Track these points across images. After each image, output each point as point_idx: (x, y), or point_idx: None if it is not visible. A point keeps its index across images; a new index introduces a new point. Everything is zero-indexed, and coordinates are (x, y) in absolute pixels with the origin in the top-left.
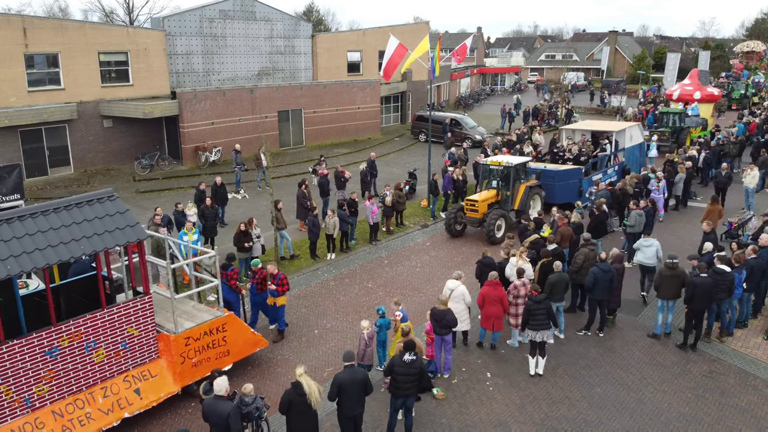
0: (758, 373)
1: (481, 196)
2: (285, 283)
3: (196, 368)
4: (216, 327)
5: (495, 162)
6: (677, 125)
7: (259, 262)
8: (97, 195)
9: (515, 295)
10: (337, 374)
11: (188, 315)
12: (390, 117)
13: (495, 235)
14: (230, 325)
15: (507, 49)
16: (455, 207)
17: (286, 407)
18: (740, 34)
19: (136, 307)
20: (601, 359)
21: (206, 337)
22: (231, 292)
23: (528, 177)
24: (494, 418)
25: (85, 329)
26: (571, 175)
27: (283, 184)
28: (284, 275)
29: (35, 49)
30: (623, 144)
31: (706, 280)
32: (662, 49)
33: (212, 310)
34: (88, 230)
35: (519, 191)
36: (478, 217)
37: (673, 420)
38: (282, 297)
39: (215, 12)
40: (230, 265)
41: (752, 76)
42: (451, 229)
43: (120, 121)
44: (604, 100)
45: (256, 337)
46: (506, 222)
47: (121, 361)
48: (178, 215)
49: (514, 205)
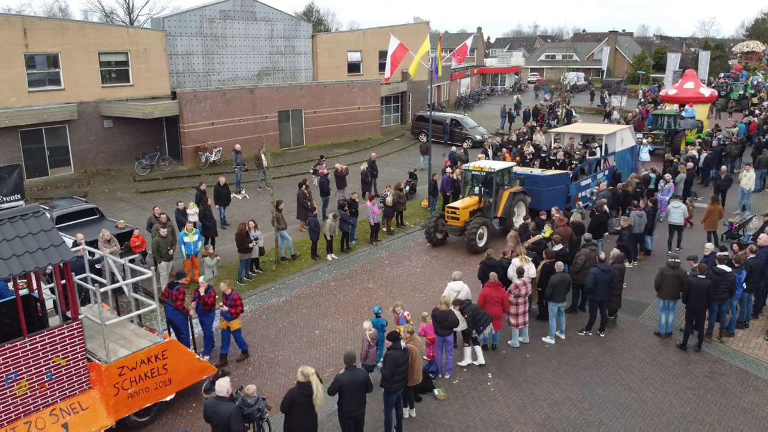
0: (759, 374)
1: (463, 203)
2: (239, 304)
3: (133, 400)
4: (155, 354)
5: (477, 168)
6: (672, 128)
7: (209, 278)
8: (20, 211)
9: (516, 294)
10: (338, 375)
11: (125, 341)
12: (390, 117)
13: (477, 244)
14: (171, 351)
15: (507, 50)
16: (435, 214)
17: (289, 406)
18: (740, 34)
19: (62, 335)
20: (602, 360)
21: (143, 366)
22: (177, 314)
23: (512, 183)
24: (495, 419)
25: (3, 359)
26: (558, 181)
27: (283, 185)
28: (238, 296)
29: (35, 49)
30: (614, 147)
31: (702, 281)
32: (662, 50)
33: (152, 335)
34: (5, 251)
35: (502, 198)
36: (459, 225)
37: (675, 420)
38: (236, 320)
39: (215, 12)
40: (177, 284)
41: (751, 76)
42: (432, 238)
43: (120, 122)
44: (604, 101)
45: (203, 363)
46: (488, 230)
47: (47, 394)
48: (179, 214)
49: (497, 213)
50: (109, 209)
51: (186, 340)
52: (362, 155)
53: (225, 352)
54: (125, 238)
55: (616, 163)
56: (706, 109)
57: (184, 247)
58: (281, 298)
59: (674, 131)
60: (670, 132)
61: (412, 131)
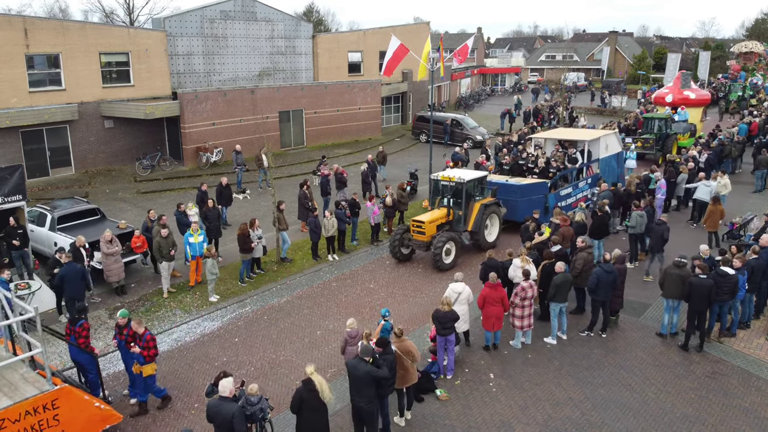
0: (761, 374)
1: (431, 216)
2: (152, 346)
3: None
4: (43, 404)
5: (446, 177)
6: (663, 131)
7: (127, 313)
8: None
9: (522, 297)
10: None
11: (11, 388)
12: (390, 117)
13: (443, 261)
14: (64, 400)
15: (507, 50)
16: (401, 228)
17: (298, 404)
18: (740, 34)
19: None
20: (604, 360)
21: (29, 418)
22: (81, 353)
23: (485, 194)
24: (497, 419)
25: None
26: (534, 190)
27: (283, 185)
28: (152, 336)
29: (36, 49)
30: (597, 154)
31: (704, 281)
32: (662, 50)
33: (42, 380)
34: None
35: (473, 210)
36: (425, 240)
37: (677, 421)
38: (149, 365)
39: (216, 12)
40: (80, 319)
41: (750, 77)
42: (396, 254)
43: (121, 122)
44: (604, 101)
45: (104, 412)
46: (456, 245)
47: None
48: (180, 216)
49: (467, 226)
50: (110, 210)
51: (95, 382)
52: (363, 155)
53: (143, 399)
54: (126, 238)
55: (600, 171)
56: (700, 112)
57: (189, 247)
58: (283, 299)
59: (665, 135)
60: (661, 136)
61: (412, 131)
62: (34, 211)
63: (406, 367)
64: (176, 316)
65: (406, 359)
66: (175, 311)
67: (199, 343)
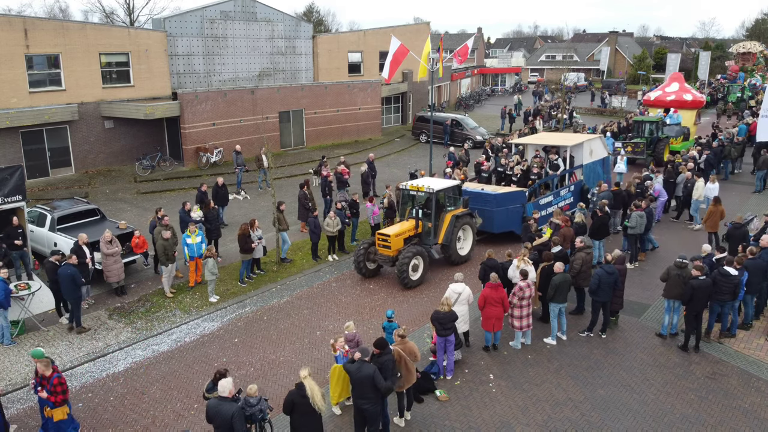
0: (761, 375)
1: (399, 229)
2: (59, 391)
3: None
4: None
5: (414, 187)
6: (654, 135)
7: (42, 353)
8: None
9: (520, 297)
10: (345, 363)
11: None
12: (390, 118)
13: (409, 277)
14: None
15: (507, 50)
16: (365, 242)
17: (290, 408)
18: (740, 34)
19: None
20: (603, 361)
21: None
22: None
23: (457, 204)
24: (497, 420)
25: None
26: (511, 199)
27: (283, 185)
28: (59, 380)
29: (36, 50)
30: (581, 160)
31: (704, 282)
32: (662, 50)
33: None
34: None
35: (444, 222)
36: (391, 255)
37: (677, 422)
38: (59, 408)
39: (216, 13)
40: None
41: (748, 78)
42: (361, 269)
43: (121, 122)
44: (604, 101)
45: None
46: (425, 260)
47: None
48: (184, 214)
49: (437, 239)
50: (110, 210)
51: None
52: (363, 156)
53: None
54: (126, 239)
55: (584, 177)
56: (693, 115)
57: (187, 248)
58: (282, 299)
59: (657, 139)
60: (652, 140)
61: (412, 132)
62: (34, 212)
63: (408, 368)
64: (176, 317)
65: (409, 360)
66: (175, 312)
67: (199, 344)
